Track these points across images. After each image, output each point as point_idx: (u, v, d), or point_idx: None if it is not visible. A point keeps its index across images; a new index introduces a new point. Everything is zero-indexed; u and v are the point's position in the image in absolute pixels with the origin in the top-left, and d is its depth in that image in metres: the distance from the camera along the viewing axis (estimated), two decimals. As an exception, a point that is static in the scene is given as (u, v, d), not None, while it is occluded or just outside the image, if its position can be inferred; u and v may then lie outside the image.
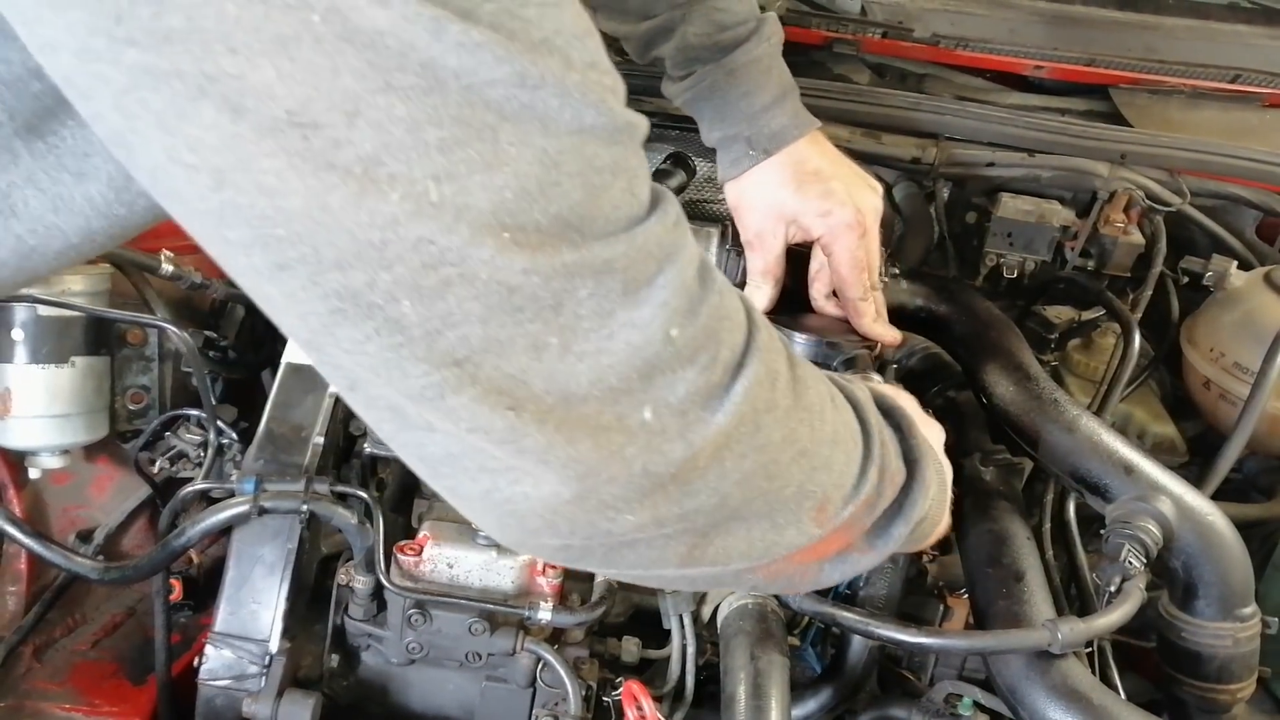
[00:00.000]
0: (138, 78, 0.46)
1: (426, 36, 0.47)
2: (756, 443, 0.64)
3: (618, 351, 0.56)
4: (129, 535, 1.50)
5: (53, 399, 1.33)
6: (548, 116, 0.51)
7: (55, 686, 1.30)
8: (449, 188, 0.49)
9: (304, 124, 0.47)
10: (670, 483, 0.61)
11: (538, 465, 0.58)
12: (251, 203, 0.49)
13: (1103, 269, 1.52)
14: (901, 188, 1.62)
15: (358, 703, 1.16)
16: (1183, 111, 1.68)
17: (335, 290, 0.51)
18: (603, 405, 0.57)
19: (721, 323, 0.61)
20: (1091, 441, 1.12)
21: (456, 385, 0.54)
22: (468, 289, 0.52)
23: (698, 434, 0.61)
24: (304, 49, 0.45)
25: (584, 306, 0.55)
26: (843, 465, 0.74)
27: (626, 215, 0.56)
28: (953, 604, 1.28)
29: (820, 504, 0.72)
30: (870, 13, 1.70)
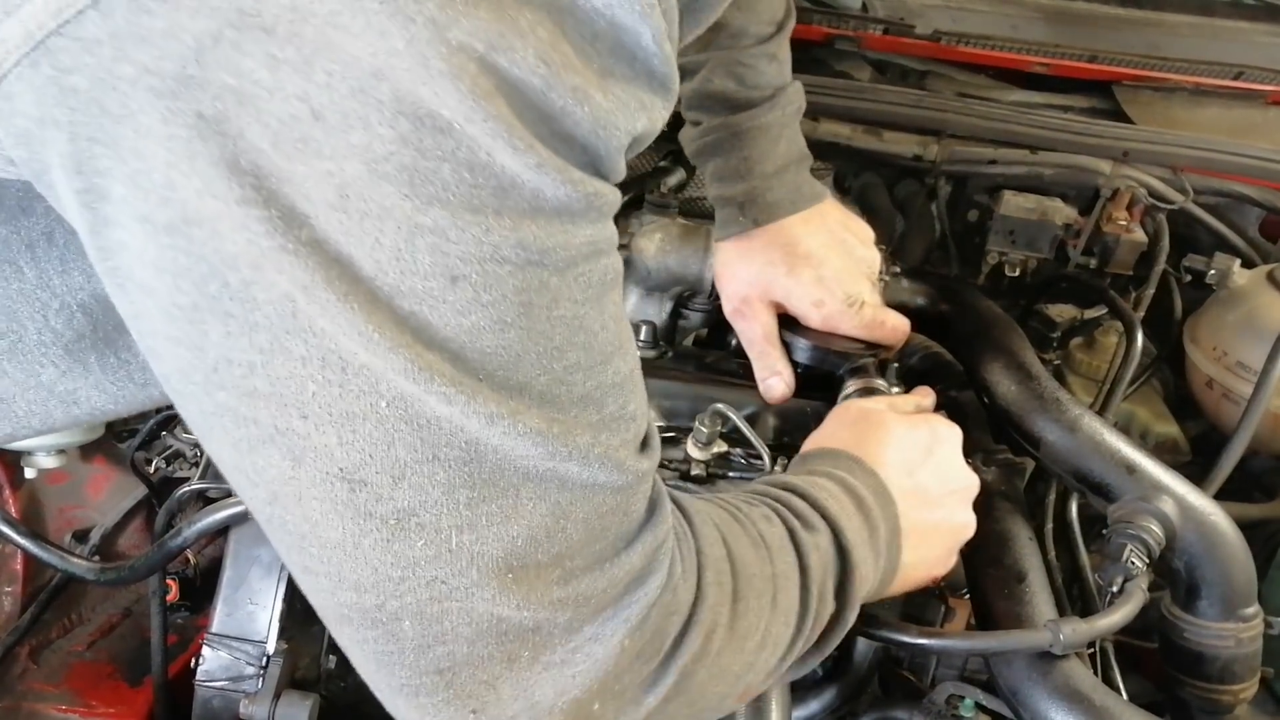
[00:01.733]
0: (222, 413, 0.53)
1: (479, 425, 0.53)
2: (684, 695, 0.71)
3: (579, 664, 0.63)
4: (125, 535, 1.50)
5: (49, 398, 1.32)
6: (566, 478, 0.58)
7: (51, 687, 1.29)
8: (468, 537, 0.56)
9: (354, 481, 0.54)
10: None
11: None
12: (296, 525, 0.56)
13: (1105, 267, 1.51)
14: (903, 185, 1.62)
15: (355, 704, 1.16)
16: (1186, 109, 1.68)
17: (349, 603, 0.58)
18: (559, 711, 0.64)
19: (669, 619, 0.68)
20: (1094, 441, 1.11)
21: (431, 689, 0.61)
22: (464, 618, 0.59)
23: (630, 715, 0.68)
24: (367, 425, 0.52)
25: (558, 628, 0.62)
26: (769, 659, 0.80)
27: (616, 537, 0.63)
28: (954, 605, 1.27)
29: (744, 693, 0.80)
30: (872, 9, 1.70)
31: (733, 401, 1.16)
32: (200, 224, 0.48)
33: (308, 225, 0.48)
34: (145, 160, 0.47)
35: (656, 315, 1.32)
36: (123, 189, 0.48)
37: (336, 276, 0.49)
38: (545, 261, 0.53)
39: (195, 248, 0.49)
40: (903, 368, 1.36)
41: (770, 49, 1.21)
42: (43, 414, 0.72)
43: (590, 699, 0.65)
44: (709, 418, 1.16)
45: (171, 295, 0.50)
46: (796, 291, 1.20)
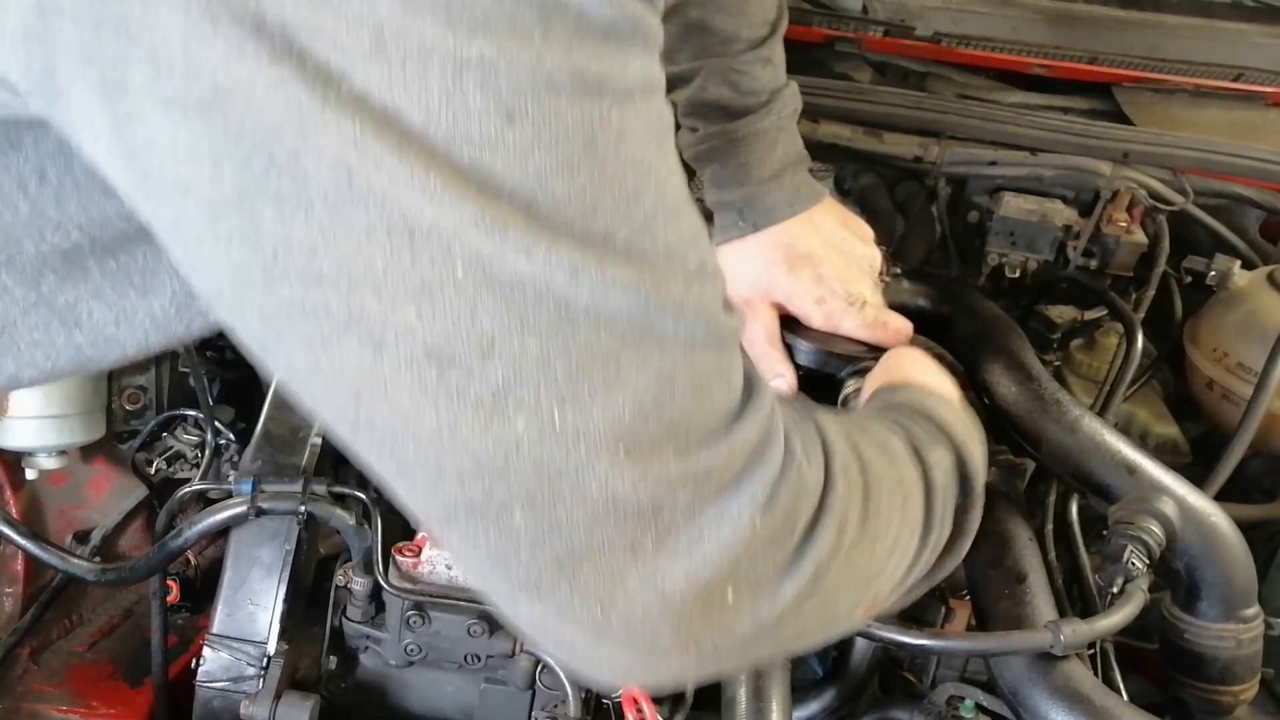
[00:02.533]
0: (288, 311, 0.50)
1: (563, 280, 0.50)
2: (819, 590, 0.68)
3: (707, 548, 0.59)
4: (126, 536, 1.50)
5: (49, 399, 1.32)
6: (664, 337, 0.54)
7: (52, 688, 1.29)
8: (572, 412, 0.52)
9: (441, 359, 0.50)
10: (735, 650, 0.66)
11: (615, 650, 0.62)
12: (386, 422, 0.52)
13: (1105, 268, 1.51)
14: (903, 187, 1.62)
15: (356, 705, 1.16)
16: (1186, 110, 1.68)
17: (453, 498, 0.55)
18: (693, 598, 0.60)
19: (799, 500, 0.64)
20: (1094, 442, 1.11)
21: (554, 582, 0.57)
22: (578, 502, 0.55)
23: (766, 606, 0.64)
24: (446, 294, 0.48)
25: (678, 510, 0.58)
26: (897, 568, 0.77)
27: (725, 413, 0.59)
28: (955, 605, 1.27)
29: (871, 603, 0.77)
30: (872, 11, 1.70)
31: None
32: (233, 94, 0.45)
33: (346, 79, 0.45)
34: (159, 32, 0.44)
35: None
36: (141, 74, 0.45)
37: (387, 130, 0.46)
38: (603, 91, 0.50)
39: (231, 123, 0.45)
40: (903, 369, 1.36)
41: (764, 53, 1.20)
42: (46, 343, 0.68)
43: (722, 585, 0.61)
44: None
45: (214, 186, 0.47)
46: (797, 291, 1.20)
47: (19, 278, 0.64)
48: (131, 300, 0.68)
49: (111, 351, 0.70)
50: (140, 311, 0.69)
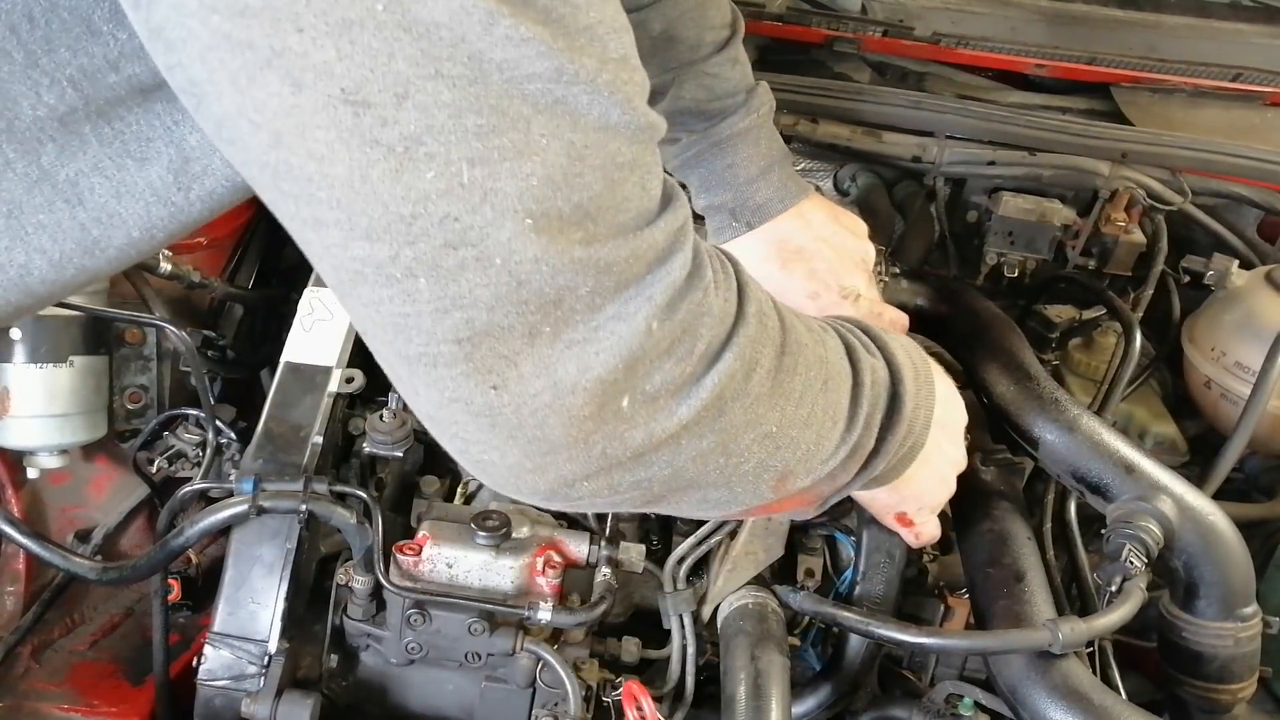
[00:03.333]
0: (217, 41, 0.50)
1: (478, 29, 0.51)
2: (718, 426, 0.69)
3: (603, 341, 0.61)
4: (127, 535, 1.50)
5: (51, 399, 1.32)
6: (578, 111, 0.55)
7: (54, 687, 1.29)
8: (480, 171, 0.53)
9: (356, 102, 0.51)
10: (626, 461, 0.67)
11: (506, 440, 0.63)
12: (302, 165, 0.53)
13: (1104, 268, 1.52)
14: (902, 186, 1.62)
15: (357, 703, 1.16)
16: (1184, 110, 1.68)
17: (361, 256, 0.56)
18: (585, 393, 0.62)
19: (701, 318, 0.65)
20: (1092, 441, 1.11)
21: (450, 360, 0.59)
22: (481, 275, 0.56)
23: (660, 423, 0.66)
24: (365, 34, 0.49)
25: (580, 301, 0.59)
26: (811, 444, 0.78)
27: (638, 211, 0.60)
28: (953, 604, 1.27)
29: (780, 476, 0.77)
30: (871, 11, 1.70)
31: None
32: None
33: None
34: None
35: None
36: None
37: None
38: None
39: None
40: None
41: (730, 54, 1.21)
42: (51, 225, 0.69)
43: (616, 386, 0.62)
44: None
45: None
46: (791, 286, 1.21)
47: (19, 149, 0.65)
48: (130, 171, 0.69)
49: (116, 231, 0.71)
50: (139, 182, 0.70)
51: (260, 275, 1.61)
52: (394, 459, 1.20)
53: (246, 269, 1.60)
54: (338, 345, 1.26)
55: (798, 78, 1.57)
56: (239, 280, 1.58)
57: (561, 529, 1.14)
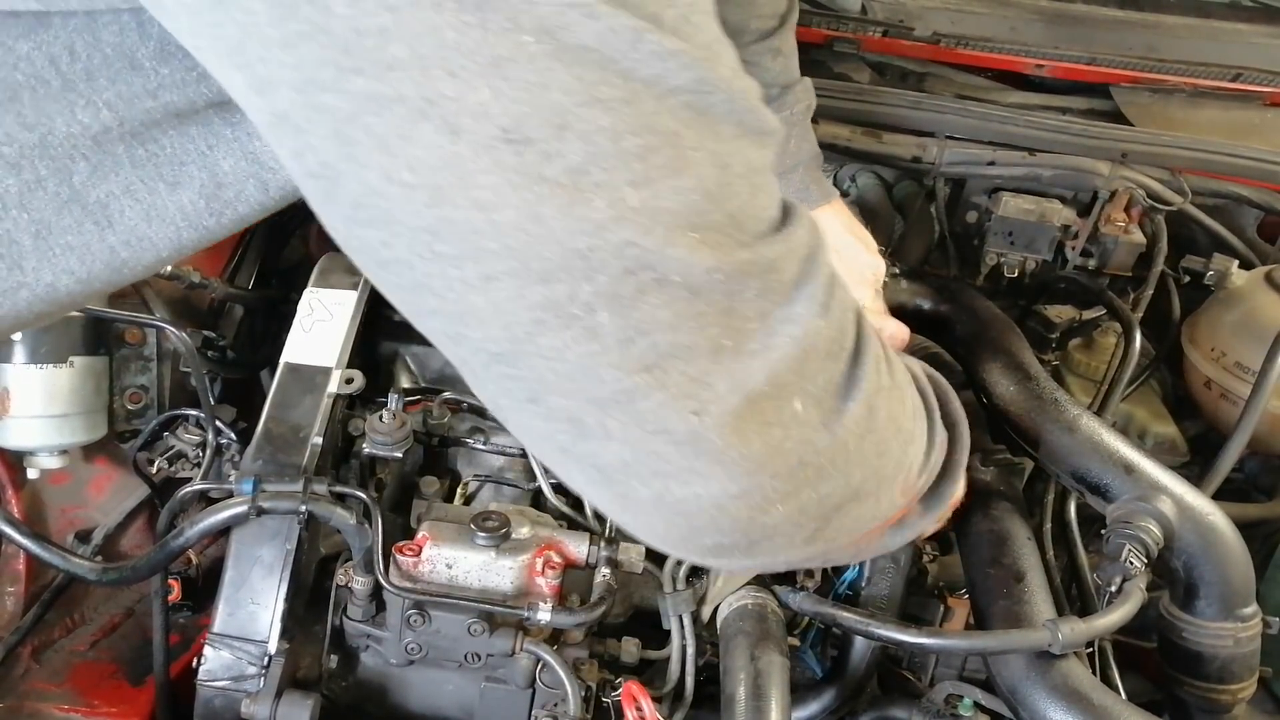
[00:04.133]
0: (363, 104, 0.49)
1: (626, 48, 0.50)
2: (875, 424, 0.69)
3: (781, 347, 0.60)
4: (127, 536, 1.50)
5: (51, 399, 1.32)
6: (717, 120, 0.55)
7: (54, 687, 1.29)
8: (646, 192, 0.53)
9: (517, 140, 0.50)
10: (816, 472, 0.66)
11: (712, 465, 0.61)
12: (467, 217, 0.52)
13: (1104, 268, 1.52)
14: (902, 186, 1.62)
15: (357, 703, 1.16)
16: (1184, 110, 1.68)
17: (539, 302, 0.54)
18: (774, 400, 0.61)
19: (846, 314, 0.66)
20: (1092, 441, 1.11)
21: (646, 390, 0.58)
22: (659, 295, 0.55)
23: (837, 422, 0.65)
24: (518, 69, 0.49)
25: (750, 306, 0.59)
26: (922, 437, 0.79)
27: (774, 215, 0.60)
28: (953, 604, 1.27)
29: (907, 475, 0.78)
30: (871, 11, 1.70)
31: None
32: None
33: None
34: None
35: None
36: None
37: None
38: None
39: None
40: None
41: (774, 44, 1.19)
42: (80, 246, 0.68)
43: (791, 391, 0.62)
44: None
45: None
46: None
47: (51, 166, 0.64)
48: (161, 195, 0.68)
49: (145, 253, 0.70)
50: (171, 206, 0.69)
51: (260, 275, 1.61)
52: (394, 459, 1.20)
53: (246, 269, 1.60)
54: (337, 346, 1.26)
55: (798, 78, 1.57)
56: (239, 281, 1.58)
57: (561, 529, 1.14)
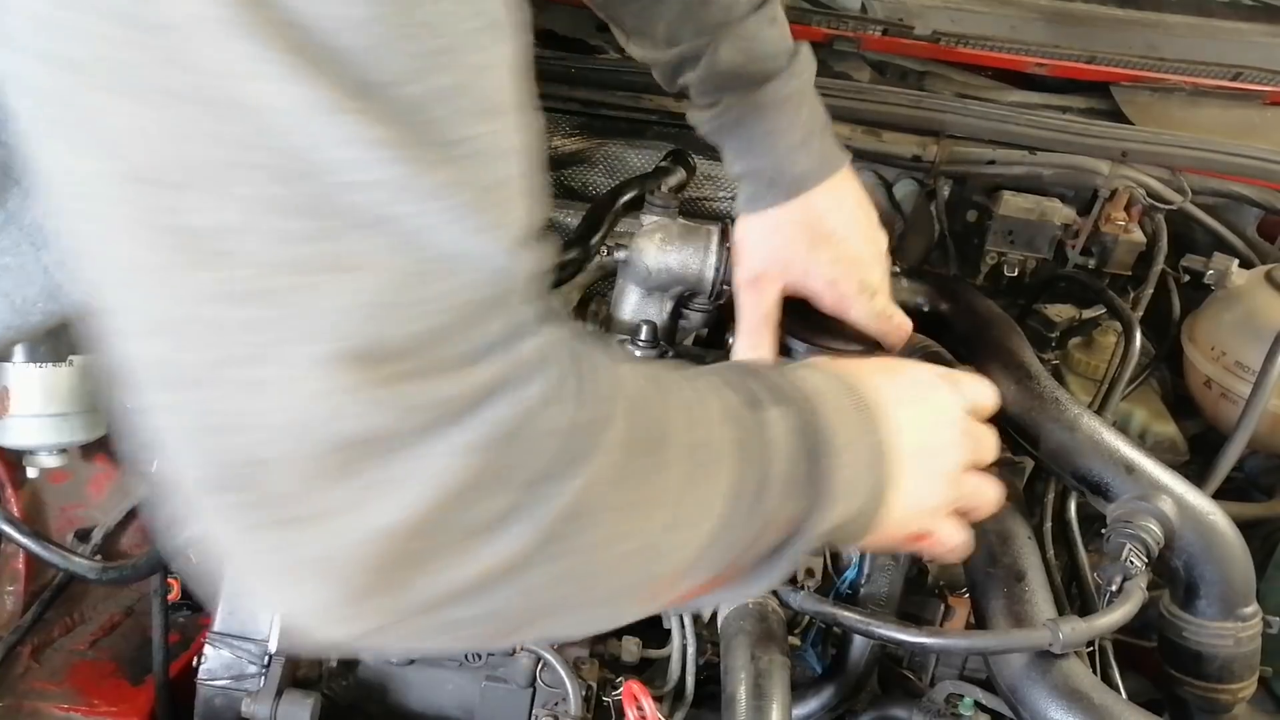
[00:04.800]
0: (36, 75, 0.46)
1: (316, 122, 0.45)
2: (566, 550, 0.58)
3: (420, 482, 0.51)
4: (127, 534, 1.50)
5: (51, 398, 1.32)
6: (421, 235, 0.48)
7: (53, 686, 1.29)
8: (291, 280, 0.47)
9: (155, 182, 0.45)
10: (457, 599, 0.56)
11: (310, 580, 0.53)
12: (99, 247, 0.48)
13: (1104, 267, 1.52)
14: (902, 185, 1.62)
15: (357, 703, 1.16)
16: (1184, 109, 1.68)
17: (143, 354, 0.50)
18: (398, 536, 0.52)
19: (544, 441, 0.55)
20: (1092, 440, 1.11)
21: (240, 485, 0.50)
22: (283, 395, 0.48)
23: (491, 558, 0.55)
24: (182, 107, 0.44)
25: (396, 439, 0.50)
26: (686, 547, 0.67)
27: (478, 345, 0.52)
28: (954, 604, 1.28)
29: (655, 587, 0.68)
30: (871, 10, 1.70)
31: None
32: None
33: None
34: None
35: (657, 315, 1.32)
36: None
37: None
38: None
39: None
40: (902, 368, 1.36)
41: (768, 13, 1.18)
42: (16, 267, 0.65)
43: (435, 527, 0.52)
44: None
45: None
46: (814, 270, 1.20)
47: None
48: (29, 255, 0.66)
49: None
50: None
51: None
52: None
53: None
54: (338, 345, 1.26)
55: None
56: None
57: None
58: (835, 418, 0.75)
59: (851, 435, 0.77)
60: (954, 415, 0.92)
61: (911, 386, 0.91)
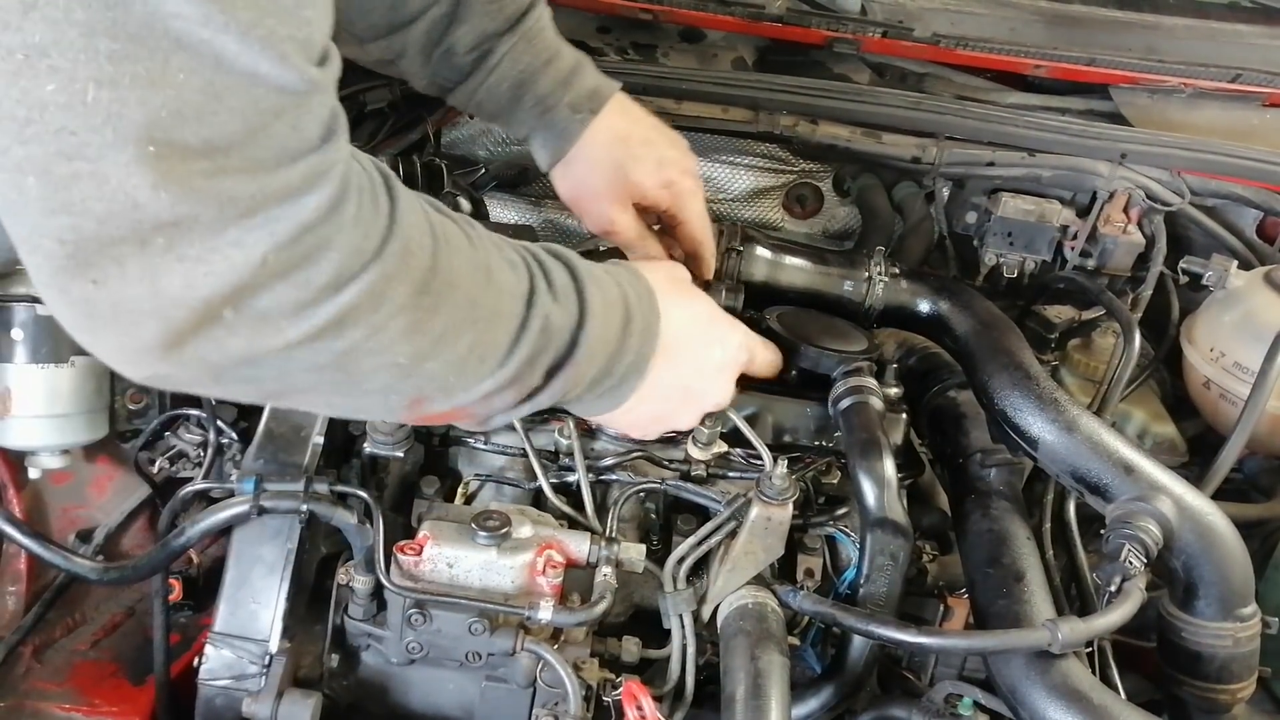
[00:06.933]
0: None
1: None
2: (334, 349, 0.72)
3: (215, 264, 0.63)
4: (129, 535, 1.50)
5: (52, 399, 1.32)
6: (224, 56, 0.57)
7: (55, 686, 1.29)
8: (107, 94, 0.55)
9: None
10: (228, 366, 0.69)
11: (101, 329, 0.66)
12: None
13: (1103, 268, 1.52)
14: (901, 187, 1.62)
15: (357, 702, 1.16)
16: (1183, 111, 1.68)
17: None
18: (187, 309, 0.64)
19: (326, 253, 0.68)
20: (1092, 441, 1.12)
21: (50, 253, 0.61)
22: (95, 189, 0.58)
23: (266, 339, 0.68)
24: None
25: (200, 225, 0.61)
26: (450, 377, 0.82)
27: (278, 150, 0.63)
28: (953, 604, 1.28)
29: (413, 400, 0.82)
30: (870, 12, 1.70)
31: (733, 402, 1.17)
32: None
33: None
34: None
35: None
36: None
37: None
38: None
39: None
40: (902, 368, 1.37)
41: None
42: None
43: (221, 304, 0.65)
44: (709, 418, 1.17)
45: None
46: (645, 181, 1.24)
47: None
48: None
49: None
50: None
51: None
52: (394, 459, 1.20)
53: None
54: (338, 346, 1.26)
55: (798, 78, 1.57)
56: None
57: (562, 529, 1.14)
58: (594, 336, 0.93)
59: (598, 354, 0.95)
60: (729, 353, 1.11)
61: (705, 305, 1.11)
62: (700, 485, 1.22)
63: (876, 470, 1.14)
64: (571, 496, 1.22)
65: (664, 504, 1.26)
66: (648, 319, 1.01)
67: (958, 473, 1.27)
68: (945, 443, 1.31)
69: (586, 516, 1.20)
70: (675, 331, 1.04)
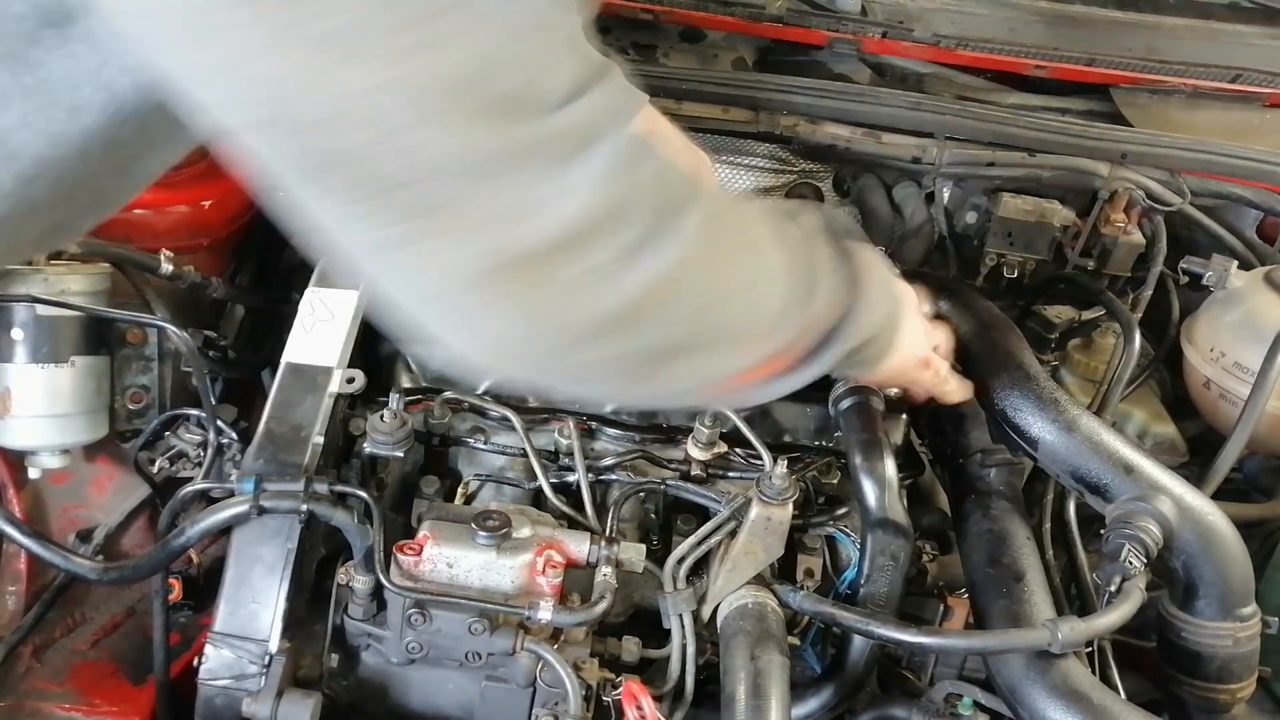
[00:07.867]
0: None
1: None
2: (696, 284, 0.71)
3: (558, 211, 0.62)
4: (128, 535, 1.50)
5: (53, 399, 1.33)
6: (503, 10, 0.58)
7: (55, 686, 1.29)
8: (411, 65, 0.55)
9: None
10: (611, 326, 0.68)
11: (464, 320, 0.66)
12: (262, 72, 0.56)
13: (1103, 269, 1.52)
14: (902, 187, 1.62)
15: (357, 702, 1.16)
16: (1183, 111, 1.68)
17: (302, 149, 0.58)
18: (540, 260, 0.63)
19: (646, 177, 0.67)
20: (1092, 441, 1.12)
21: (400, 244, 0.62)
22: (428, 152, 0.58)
23: (630, 283, 0.67)
24: None
25: (527, 173, 0.61)
26: (778, 295, 0.82)
27: (573, 83, 0.62)
28: (953, 604, 1.28)
29: (759, 334, 0.81)
30: (871, 12, 1.70)
31: (733, 402, 1.17)
32: None
33: None
34: None
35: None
36: None
37: None
38: None
39: None
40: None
41: None
42: None
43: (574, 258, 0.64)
44: (709, 418, 1.17)
45: None
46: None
47: None
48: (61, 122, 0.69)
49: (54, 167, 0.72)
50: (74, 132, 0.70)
51: (261, 276, 1.62)
52: (394, 459, 1.20)
53: (247, 269, 1.60)
54: (338, 346, 1.26)
55: (798, 79, 1.57)
56: (240, 281, 1.58)
57: (562, 529, 1.14)
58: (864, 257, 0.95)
59: (875, 269, 0.96)
60: None
61: None
62: (700, 485, 1.22)
63: (877, 470, 1.14)
64: (571, 496, 1.23)
65: (664, 504, 1.26)
66: None
67: (958, 473, 1.27)
68: (945, 443, 1.31)
69: (586, 516, 1.20)
70: None
